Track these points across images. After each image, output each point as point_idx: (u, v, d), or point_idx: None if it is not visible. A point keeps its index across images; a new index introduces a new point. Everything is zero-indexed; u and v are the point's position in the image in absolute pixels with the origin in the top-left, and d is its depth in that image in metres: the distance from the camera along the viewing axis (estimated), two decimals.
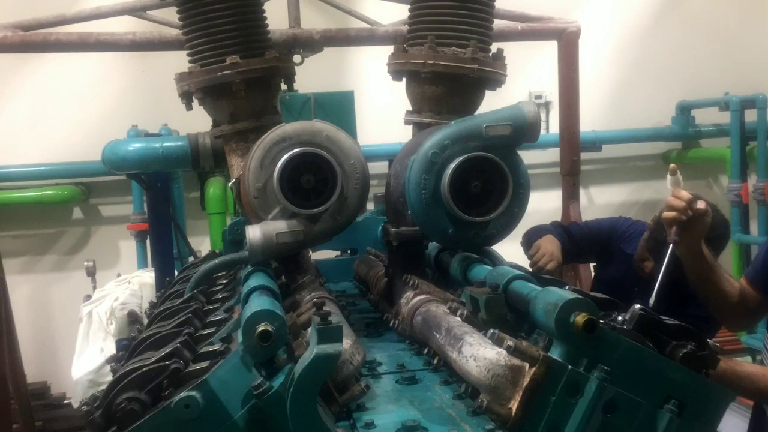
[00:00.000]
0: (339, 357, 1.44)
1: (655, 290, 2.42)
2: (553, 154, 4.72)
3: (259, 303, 1.52)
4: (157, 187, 4.34)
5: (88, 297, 5.64)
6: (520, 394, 1.48)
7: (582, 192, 5.51)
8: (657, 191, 6.97)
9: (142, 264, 6.07)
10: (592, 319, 1.43)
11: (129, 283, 5.48)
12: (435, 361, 1.94)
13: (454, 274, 2.20)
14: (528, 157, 2.42)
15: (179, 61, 2.83)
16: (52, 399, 5.93)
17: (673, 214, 2.38)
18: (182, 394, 1.36)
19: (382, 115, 4.80)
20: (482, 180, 2.12)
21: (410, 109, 2.66)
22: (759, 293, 2.51)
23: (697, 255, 2.45)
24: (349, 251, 3.58)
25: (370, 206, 3.46)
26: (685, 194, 2.39)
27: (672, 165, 2.48)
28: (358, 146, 2.21)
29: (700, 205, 2.39)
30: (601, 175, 7.29)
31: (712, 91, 6.97)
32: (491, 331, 1.58)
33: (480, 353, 1.60)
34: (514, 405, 1.49)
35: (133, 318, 5.17)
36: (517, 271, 1.81)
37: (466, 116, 2.26)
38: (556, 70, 4.37)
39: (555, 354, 1.49)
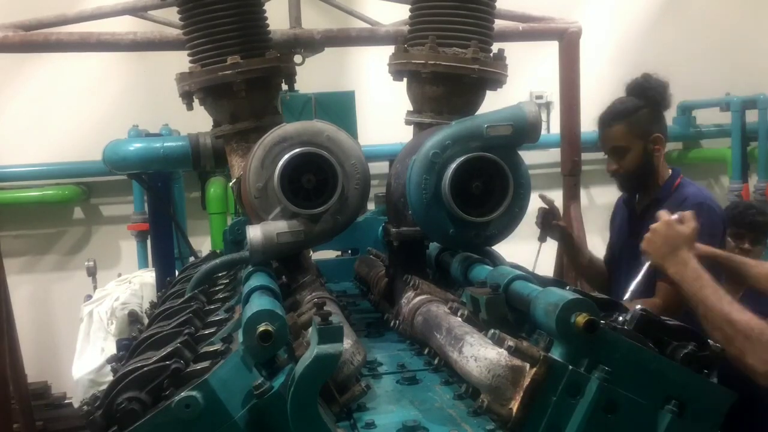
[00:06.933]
0: (339, 357, 1.44)
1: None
2: (553, 154, 4.71)
3: (259, 303, 1.52)
4: (158, 187, 4.33)
5: (89, 297, 5.65)
6: (521, 394, 1.48)
7: (583, 192, 5.49)
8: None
9: (143, 264, 6.07)
10: (593, 319, 1.43)
11: (130, 283, 5.49)
12: (435, 362, 1.94)
13: (454, 275, 2.20)
14: (529, 157, 2.42)
15: (180, 61, 2.83)
16: (53, 399, 5.93)
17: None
18: (183, 394, 1.36)
19: (383, 115, 4.79)
20: (483, 180, 2.12)
21: (411, 109, 2.66)
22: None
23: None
24: (349, 251, 3.58)
25: (371, 206, 3.46)
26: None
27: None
28: (358, 146, 2.21)
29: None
30: (602, 175, 7.18)
31: (713, 91, 6.96)
32: (492, 331, 1.58)
33: (481, 353, 1.60)
34: (514, 405, 1.49)
35: (133, 318, 5.18)
36: (518, 272, 1.81)
37: (467, 116, 2.26)
38: (557, 71, 4.36)
39: (556, 354, 1.49)
